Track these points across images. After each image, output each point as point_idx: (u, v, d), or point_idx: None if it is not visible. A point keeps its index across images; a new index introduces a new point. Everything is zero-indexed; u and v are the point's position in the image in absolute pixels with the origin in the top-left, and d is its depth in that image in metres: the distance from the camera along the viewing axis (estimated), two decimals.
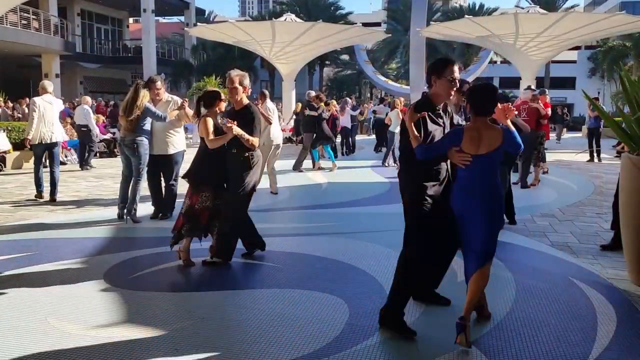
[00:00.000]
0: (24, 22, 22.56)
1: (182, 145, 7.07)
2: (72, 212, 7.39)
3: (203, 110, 5.05)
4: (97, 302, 4.01)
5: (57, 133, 8.44)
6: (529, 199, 8.60)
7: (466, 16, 22.58)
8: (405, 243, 3.61)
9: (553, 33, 18.36)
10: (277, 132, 8.83)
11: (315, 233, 6.22)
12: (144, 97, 6.48)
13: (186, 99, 6.99)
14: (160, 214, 6.88)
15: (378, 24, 46.20)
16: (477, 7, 43.83)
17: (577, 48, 38.78)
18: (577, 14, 17.88)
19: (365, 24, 35.19)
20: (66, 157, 13.54)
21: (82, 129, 12.69)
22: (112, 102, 23.07)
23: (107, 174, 11.48)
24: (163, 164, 6.85)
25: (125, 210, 6.67)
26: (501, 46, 20.72)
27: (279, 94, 23.92)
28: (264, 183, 8.79)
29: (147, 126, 6.63)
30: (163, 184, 6.98)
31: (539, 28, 18.27)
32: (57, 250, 5.42)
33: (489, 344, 3.32)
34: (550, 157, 14.73)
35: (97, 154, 14.62)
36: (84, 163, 12.52)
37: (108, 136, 15.63)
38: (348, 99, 18.42)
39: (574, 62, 45.82)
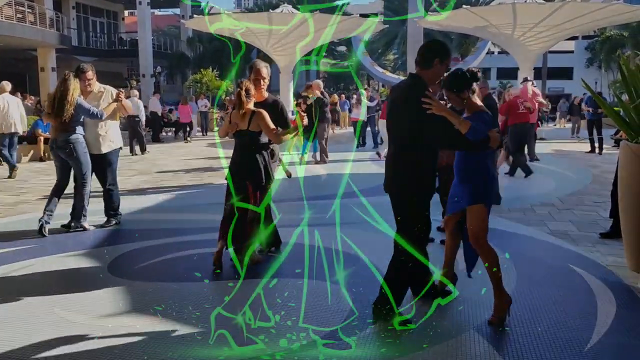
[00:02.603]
0: (19, 15, 22.43)
1: (118, 141, 6.20)
2: None
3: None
4: (102, 293, 4.04)
5: (17, 125, 10.26)
6: (528, 188, 8.66)
7: (464, 6, 22.50)
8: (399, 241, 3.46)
9: (551, 23, 18.34)
10: None
11: (315, 224, 6.24)
12: (75, 90, 5.62)
13: (121, 90, 6.25)
14: (73, 224, 5.88)
15: (375, 15, 46.07)
16: None
17: (574, 38, 38.78)
18: (574, 4, 17.79)
19: (362, 15, 35.09)
20: None
21: (135, 118, 14.31)
22: None
23: None
24: (95, 165, 5.92)
25: (73, 219, 5.89)
26: (499, 36, 20.70)
27: (277, 86, 23.85)
28: None
29: (81, 122, 5.77)
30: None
31: (536, 18, 18.24)
32: (60, 242, 5.45)
33: (489, 330, 3.36)
34: (549, 147, 14.79)
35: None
36: (139, 149, 14.59)
37: None
38: (363, 90, 18.25)
39: (571, 52, 45.86)
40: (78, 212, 5.86)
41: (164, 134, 18.39)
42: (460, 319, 3.55)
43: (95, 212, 6.22)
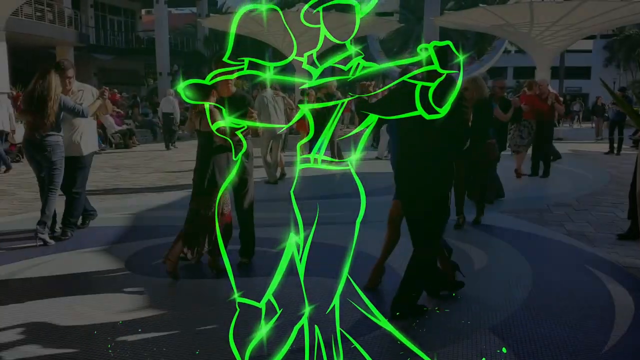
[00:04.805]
0: (38, 14, 22.72)
1: (95, 143, 5.91)
2: (91, 202, 7.48)
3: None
4: (120, 289, 4.09)
5: (4, 122, 10.89)
6: (545, 188, 8.58)
7: (480, 5, 22.37)
8: (423, 242, 3.57)
9: (568, 22, 18.13)
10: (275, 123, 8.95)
11: (325, 222, 6.25)
12: (57, 86, 5.13)
13: (106, 88, 5.98)
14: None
15: (391, 14, 45.92)
16: None
17: (592, 37, 38.31)
18: (592, 2, 17.55)
19: (378, 14, 35.00)
20: None
21: (170, 116, 15.67)
22: (124, 94, 23.74)
23: (124, 165, 11.62)
24: (67, 167, 5.37)
25: (37, 226, 5.23)
26: (516, 35, 20.51)
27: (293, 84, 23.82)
28: (262, 173, 8.97)
29: (61, 121, 5.24)
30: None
31: (554, 17, 18.05)
32: (78, 239, 5.51)
33: (506, 331, 3.35)
34: (567, 147, 14.64)
35: (114, 145, 15.16)
36: (169, 144, 15.60)
37: (124, 127, 16.02)
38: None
39: (589, 51, 45.25)
40: (42, 218, 5.28)
41: (180, 132, 18.56)
42: (474, 320, 3.54)
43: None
